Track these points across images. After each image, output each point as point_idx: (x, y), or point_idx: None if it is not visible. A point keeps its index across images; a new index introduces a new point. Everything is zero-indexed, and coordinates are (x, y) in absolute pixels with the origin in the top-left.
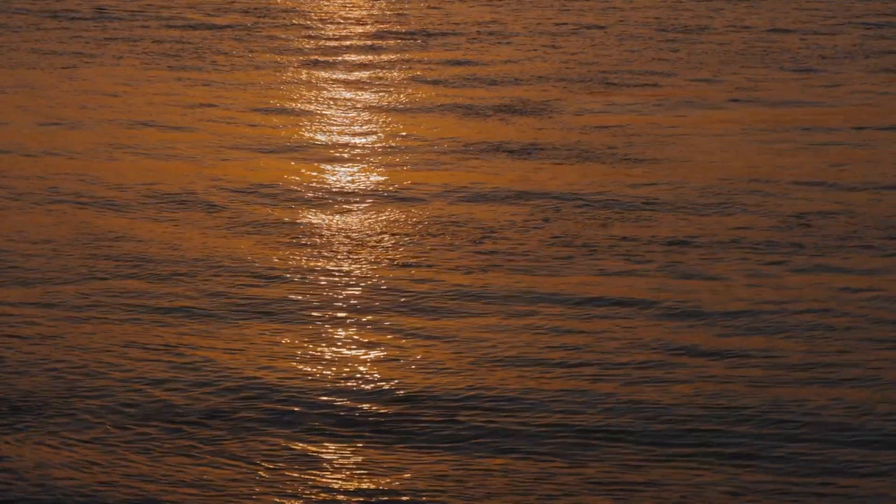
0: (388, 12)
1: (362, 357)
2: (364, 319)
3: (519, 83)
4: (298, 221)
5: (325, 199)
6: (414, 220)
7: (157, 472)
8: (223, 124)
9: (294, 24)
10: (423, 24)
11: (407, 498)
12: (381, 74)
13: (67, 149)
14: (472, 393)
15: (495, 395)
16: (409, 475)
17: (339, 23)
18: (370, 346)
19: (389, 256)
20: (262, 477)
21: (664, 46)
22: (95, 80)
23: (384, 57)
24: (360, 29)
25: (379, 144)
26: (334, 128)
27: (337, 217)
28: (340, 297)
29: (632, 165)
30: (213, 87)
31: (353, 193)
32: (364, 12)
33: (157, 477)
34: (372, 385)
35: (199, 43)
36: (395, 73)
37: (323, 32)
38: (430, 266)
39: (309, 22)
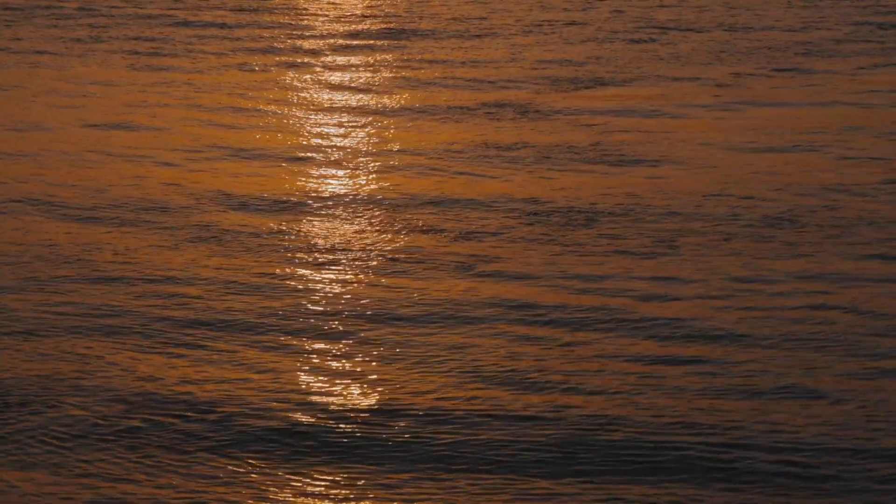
0: (373, 10)
1: (331, 371)
2: (336, 330)
3: (503, 83)
4: (272, 229)
5: (300, 204)
6: (393, 225)
7: (115, 489)
8: (201, 126)
9: (280, 24)
10: (407, 22)
11: None
12: (364, 75)
13: (34, 151)
14: (441, 412)
15: (466, 412)
16: (372, 497)
17: (325, 21)
18: (341, 359)
19: (365, 264)
20: (220, 495)
21: (649, 44)
22: (68, 79)
23: (368, 58)
24: (345, 28)
25: (359, 148)
26: (314, 130)
27: (311, 223)
28: (310, 308)
29: (618, 164)
30: (192, 88)
31: (329, 199)
32: (350, 10)
33: (118, 492)
34: (340, 401)
35: (181, 41)
36: (377, 75)
37: (307, 31)
38: (406, 273)
39: (294, 20)
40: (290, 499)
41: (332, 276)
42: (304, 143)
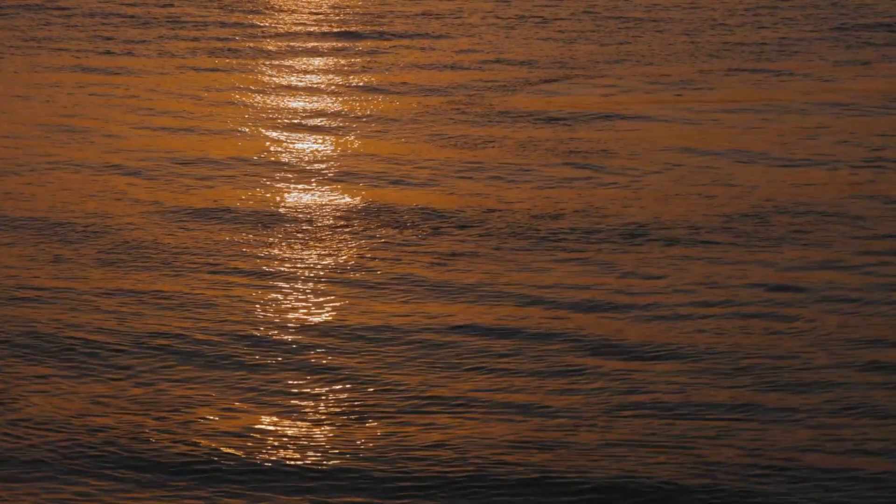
0: (337, 10)
1: (256, 392)
2: (272, 349)
3: (469, 83)
4: (217, 242)
5: (249, 216)
6: (350, 232)
7: None
8: (149, 132)
9: (239, 23)
10: (372, 21)
11: None
12: (327, 78)
13: None
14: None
15: (412, 442)
16: None
17: (288, 22)
18: (269, 381)
19: (312, 279)
20: None
21: (618, 44)
22: (11, 80)
23: (331, 60)
24: (308, 28)
25: (319, 154)
26: (270, 137)
27: (259, 235)
28: (244, 326)
29: (583, 167)
30: (144, 89)
31: (285, 209)
32: (316, 10)
33: None
34: (258, 428)
35: (135, 41)
36: (339, 77)
37: (268, 32)
38: (364, 284)
39: (254, 20)
40: None
41: (277, 292)
42: (260, 149)
